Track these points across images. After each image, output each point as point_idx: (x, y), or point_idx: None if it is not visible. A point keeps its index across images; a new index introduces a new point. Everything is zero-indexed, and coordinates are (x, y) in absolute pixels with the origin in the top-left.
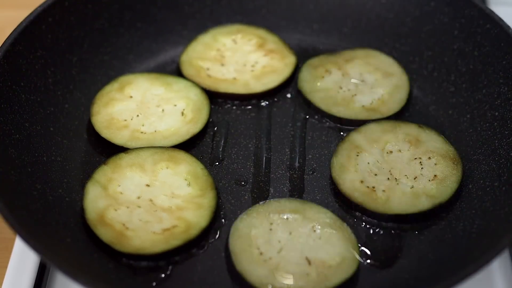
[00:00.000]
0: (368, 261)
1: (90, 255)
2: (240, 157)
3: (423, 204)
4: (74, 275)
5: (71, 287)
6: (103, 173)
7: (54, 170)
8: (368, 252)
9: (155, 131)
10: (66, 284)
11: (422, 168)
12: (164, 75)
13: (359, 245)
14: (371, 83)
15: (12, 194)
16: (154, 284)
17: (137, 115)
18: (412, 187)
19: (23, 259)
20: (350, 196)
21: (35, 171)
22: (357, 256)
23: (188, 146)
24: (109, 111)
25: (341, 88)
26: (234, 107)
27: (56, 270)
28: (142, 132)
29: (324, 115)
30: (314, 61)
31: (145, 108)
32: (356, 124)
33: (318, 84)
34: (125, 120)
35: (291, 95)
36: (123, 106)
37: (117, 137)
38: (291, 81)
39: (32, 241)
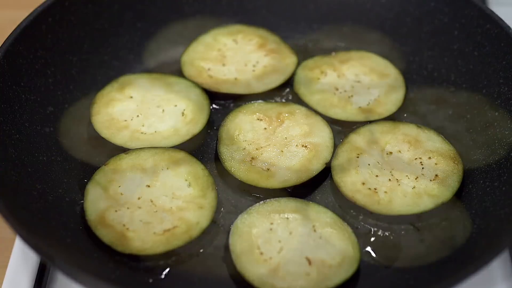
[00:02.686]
0: (368, 261)
1: (90, 255)
2: None
3: (426, 204)
4: (74, 275)
5: (71, 287)
6: (104, 174)
7: (54, 170)
8: (369, 252)
9: (155, 131)
10: (66, 284)
11: (423, 168)
12: (164, 75)
13: (359, 245)
14: (367, 84)
15: (12, 194)
16: (154, 284)
17: (137, 116)
18: (414, 187)
19: (23, 259)
20: (352, 198)
21: (35, 171)
22: (357, 256)
23: (189, 146)
24: (109, 111)
25: (337, 89)
26: (235, 107)
27: (56, 270)
28: (142, 133)
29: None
30: (309, 63)
31: (145, 108)
32: (354, 125)
33: (314, 86)
34: (125, 120)
35: (288, 96)
36: (123, 106)
37: (117, 138)
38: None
39: (32, 241)
